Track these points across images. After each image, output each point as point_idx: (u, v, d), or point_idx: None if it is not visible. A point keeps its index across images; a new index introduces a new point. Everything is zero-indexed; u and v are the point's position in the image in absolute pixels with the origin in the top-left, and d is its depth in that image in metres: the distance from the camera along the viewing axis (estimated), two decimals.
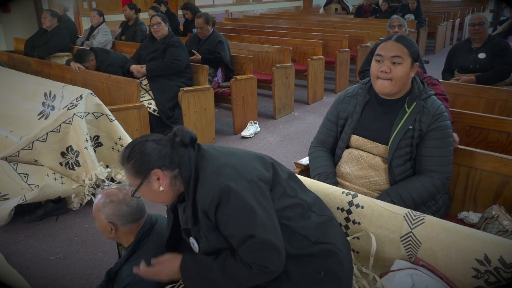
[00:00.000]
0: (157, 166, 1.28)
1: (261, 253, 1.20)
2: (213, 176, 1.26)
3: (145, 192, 1.33)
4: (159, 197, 1.34)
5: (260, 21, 8.30)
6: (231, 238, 1.24)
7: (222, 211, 1.22)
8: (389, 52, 1.71)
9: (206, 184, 1.25)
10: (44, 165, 2.85)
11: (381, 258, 1.57)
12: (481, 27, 3.44)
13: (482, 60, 3.46)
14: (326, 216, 1.44)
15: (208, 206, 1.23)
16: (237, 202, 1.21)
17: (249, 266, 1.21)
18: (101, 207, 1.55)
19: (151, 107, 3.53)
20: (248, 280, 1.24)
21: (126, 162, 1.31)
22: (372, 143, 1.81)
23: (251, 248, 1.20)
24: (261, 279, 1.24)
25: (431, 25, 8.56)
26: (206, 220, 1.26)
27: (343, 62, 5.77)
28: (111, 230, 1.56)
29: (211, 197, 1.22)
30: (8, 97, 3.49)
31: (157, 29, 3.75)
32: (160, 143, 1.31)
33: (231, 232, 1.24)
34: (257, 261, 1.20)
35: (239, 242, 1.22)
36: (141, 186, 1.30)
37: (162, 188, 1.30)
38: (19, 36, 5.79)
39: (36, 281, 2.25)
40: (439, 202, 1.86)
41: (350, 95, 1.92)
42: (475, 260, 1.34)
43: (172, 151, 1.30)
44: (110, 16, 7.43)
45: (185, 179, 1.30)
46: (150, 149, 1.29)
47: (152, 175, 1.28)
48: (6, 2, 6.69)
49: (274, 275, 1.24)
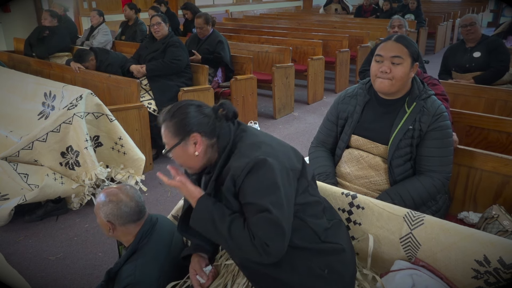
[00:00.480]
0: (197, 130, 1.31)
1: (269, 229, 1.20)
2: (251, 148, 1.29)
3: (178, 154, 1.34)
4: (190, 161, 1.35)
5: (260, 21, 8.30)
6: (248, 207, 1.25)
7: (251, 178, 1.24)
8: (389, 52, 1.71)
9: (243, 154, 1.28)
10: (44, 165, 2.85)
11: (380, 259, 1.57)
12: (472, 27, 3.46)
13: (477, 59, 3.48)
14: (336, 219, 1.48)
15: (239, 172, 1.24)
16: (267, 175, 1.24)
17: (253, 236, 1.21)
18: (101, 205, 1.56)
19: (151, 107, 3.53)
20: (245, 248, 1.22)
21: (169, 120, 1.33)
22: (372, 143, 1.81)
23: (262, 221, 1.21)
24: (256, 255, 1.22)
25: (431, 25, 8.56)
26: (231, 187, 1.27)
27: (343, 62, 5.77)
28: (109, 229, 1.57)
29: (245, 164, 1.24)
30: (8, 97, 3.49)
31: (157, 29, 3.75)
32: (204, 111, 1.34)
33: (250, 200, 1.24)
34: (262, 236, 1.20)
35: (254, 212, 1.23)
36: (176, 146, 1.32)
37: (197, 153, 1.32)
38: (19, 36, 5.79)
39: (36, 281, 2.25)
40: (439, 202, 1.86)
41: (350, 95, 1.92)
42: (475, 261, 1.34)
43: (214, 121, 1.34)
44: (110, 16, 7.43)
45: (221, 148, 1.33)
46: (195, 113, 1.32)
47: (190, 137, 1.31)
48: (6, 2, 6.69)
49: (269, 258, 1.21)
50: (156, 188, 3.25)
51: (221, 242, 1.27)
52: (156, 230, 1.61)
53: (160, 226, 1.64)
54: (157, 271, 1.51)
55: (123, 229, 1.56)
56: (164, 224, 1.67)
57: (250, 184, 1.24)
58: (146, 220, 1.61)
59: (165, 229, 1.65)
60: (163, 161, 3.73)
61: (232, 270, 1.47)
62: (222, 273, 1.49)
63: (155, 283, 1.48)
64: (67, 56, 4.97)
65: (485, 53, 3.45)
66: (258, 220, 1.21)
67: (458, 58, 3.59)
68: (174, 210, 1.93)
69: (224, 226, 1.24)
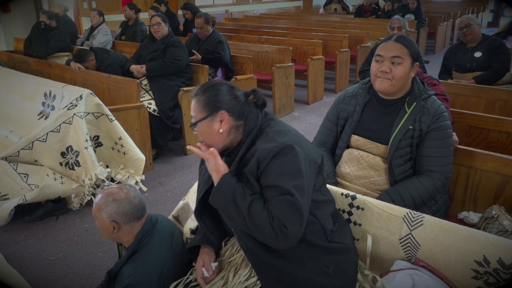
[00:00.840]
0: (226, 109, 1.34)
1: (289, 212, 1.22)
2: (279, 134, 1.32)
3: (203, 128, 1.36)
4: (213, 137, 1.36)
5: (260, 21, 8.30)
6: (270, 189, 1.26)
7: (276, 162, 1.26)
8: (389, 52, 1.71)
9: (271, 138, 1.31)
10: (44, 165, 2.85)
11: (380, 259, 1.57)
12: (468, 29, 3.46)
13: (478, 59, 3.47)
14: (341, 221, 1.51)
15: (266, 155, 1.27)
16: (293, 161, 1.26)
17: (272, 218, 1.22)
18: (104, 206, 1.54)
19: (151, 107, 3.53)
20: (262, 228, 1.23)
21: (201, 94, 1.37)
22: (372, 143, 1.81)
23: (283, 203, 1.22)
24: (273, 237, 1.22)
25: (431, 25, 8.56)
26: (254, 169, 1.29)
27: (343, 62, 5.77)
28: (113, 229, 1.55)
29: (272, 147, 1.27)
30: (8, 97, 3.49)
31: (157, 29, 3.75)
32: (235, 93, 1.38)
33: (273, 182, 1.25)
34: (282, 217, 1.21)
35: (275, 195, 1.24)
36: (203, 120, 1.35)
37: (221, 131, 1.35)
38: (19, 36, 5.79)
39: (36, 281, 2.25)
40: (439, 202, 1.86)
41: (350, 95, 1.92)
42: (474, 261, 1.34)
43: (244, 105, 1.38)
44: (110, 16, 7.43)
45: (247, 131, 1.36)
46: (227, 92, 1.37)
47: (218, 114, 1.34)
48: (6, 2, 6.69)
49: (285, 241, 1.22)
50: (156, 188, 3.25)
51: (239, 220, 1.27)
52: (157, 230, 1.61)
53: (160, 226, 1.64)
54: (157, 271, 1.51)
55: (127, 227, 1.56)
56: (164, 224, 1.67)
57: (274, 168, 1.26)
58: (146, 220, 1.61)
59: (165, 229, 1.65)
60: (163, 161, 3.73)
61: (235, 264, 1.47)
62: (225, 267, 1.49)
63: (155, 283, 1.48)
64: (67, 56, 4.96)
65: (486, 53, 3.44)
66: (279, 202, 1.23)
67: (458, 58, 3.59)
68: (174, 211, 1.93)
69: (245, 204, 1.25)
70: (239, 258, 1.48)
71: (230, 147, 1.40)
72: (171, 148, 3.97)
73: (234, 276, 1.43)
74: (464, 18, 3.53)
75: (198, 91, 1.38)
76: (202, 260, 1.50)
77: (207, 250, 1.53)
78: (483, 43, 3.48)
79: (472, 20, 3.47)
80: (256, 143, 1.33)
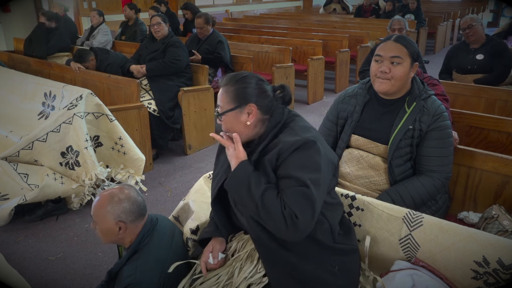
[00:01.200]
0: (255, 102, 1.36)
1: (303, 203, 1.23)
2: (303, 130, 1.35)
3: (230, 119, 1.37)
4: (238, 129, 1.37)
5: (260, 21, 8.30)
6: (287, 179, 1.27)
7: (297, 155, 1.28)
8: (388, 52, 1.72)
9: (295, 132, 1.33)
10: (44, 165, 2.85)
11: (380, 259, 1.57)
12: (471, 29, 3.40)
13: (480, 61, 3.43)
14: (348, 223, 1.52)
15: (288, 147, 1.29)
16: (313, 156, 1.29)
17: (284, 207, 1.23)
18: (109, 207, 1.53)
19: (151, 107, 3.53)
20: (274, 216, 1.23)
21: (231, 85, 1.37)
22: (372, 143, 1.81)
23: (298, 193, 1.23)
24: (283, 226, 1.22)
25: (431, 25, 8.56)
26: (274, 160, 1.31)
27: (343, 62, 5.77)
28: (119, 230, 1.54)
29: (295, 141, 1.29)
30: (8, 97, 3.49)
31: (157, 29, 3.75)
32: (265, 88, 1.39)
33: (291, 173, 1.26)
34: (294, 207, 1.22)
35: (291, 185, 1.25)
36: (232, 111, 1.35)
37: (248, 123, 1.36)
38: (19, 36, 5.79)
39: (36, 281, 2.25)
40: (439, 202, 1.86)
41: (350, 95, 1.92)
42: (474, 262, 1.34)
43: (272, 100, 1.39)
44: (110, 16, 7.43)
45: (272, 125, 1.38)
46: (257, 85, 1.38)
47: (247, 106, 1.35)
48: (6, 2, 6.69)
49: (295, 231, 1.22)
50: (156, 188, 3.25)
51: (251, 207, 1.28)
52: (157, 230, 1.61)
53: (160, 226, 1.64)
54: (157, 272, 1.51)
55: (132, 227, 1.55)
56: (165, 224, 1.67)
57: (294, 160, 1.28)
58: (147, 220, 1.61)
59: (165, 230, 1.65)
60: (163, 161, 3.73)
61: (240, 260, 1.47)
62: (230, 262, 1.49)
63: (155, 283, 1.48)
64: (67, 56, 4.97)
65: (488, 56, 3.40)
66: (294, 192, 1.24)
67: (460, 59, 3.55)
68: (174, 211, 1.93)
69: (258, 192, 1.26)
70: (244, 254, 1.48)
71: (253, 140, 1.41)
72: (171, 148, 3.97)
73: (239, 273, 1.43)
74: (466, 18, 3.47)
75: (228, 81, 1.38)
76: (212, 246, 1.51)
77: (220, 239, 1.54)
78: (486, 45, 3.43)
79: (475, 20, 3.40)
80: (279, 136, 1.34)
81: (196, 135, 3.89)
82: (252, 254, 1.47)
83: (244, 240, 1.52)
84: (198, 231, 1.69)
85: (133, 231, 1.56)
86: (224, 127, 1.40)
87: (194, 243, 1.68)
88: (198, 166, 3.65)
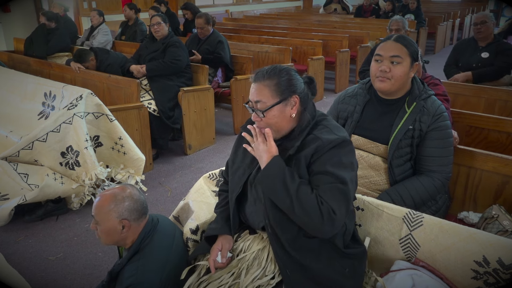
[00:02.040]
0: (299, 93, 1.36)
1: (340, 199, 1.24)
2: (337, 129, 1.37)
3: (275, 113, 1.34)
4: (283, 122, 1.36)
5: (260, 21, 8.30)
6: (324, 175, 1.28)
7: (335, 152, 1.30)
8: (388, 52, 1.72)
9: (332, 130, 1.35)
10: (44, 165, 2.85)
11: (380, 259, 1.57)
12: (483, 25, 3.42)
13: (485, 60, 3.46)
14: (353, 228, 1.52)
15: (327, 144, 1.30)
16: (350, 155, 1.33)
17: (321, 202, 1.24)
18: (113, 206, 1.52)
19: (151, 107, 3.53)
20: (309, 211, 1.23)
21: (272, 77, 1.34)
22: (372, 143, 1.81)
23: (336, 190, 1.25)
24: (318, 221, 1.22)
25: (431, 25, 8.56)
26: (309, 156, 1.31)
27: (343, 62, 5.77)
28: (122, 229, 1.53)
29: (334, 139, 1.31)
30: (8, 97, 3.49)
31: (157, 29, 3.75)
32: (300, 79, 1.39)
33: (329, 169, 1.28)
34: (332, 203, 1.23)
35: (329, 181, 1.26)
36: (278, 104, 1.33)
37: (293, 115, 1.36)
38: (19, 36, 5.79)
39: (36, 281, 2.25)
40: (439, 202, 1.86)
41: (350, 95, 1.92)
42: (474, 262, 1.34)
43: (307, 92, 1.40)
44: (110, 16, 7.43)
45: (305, 119, 1.37)
46: (297, 76, 1.38)
47: (292, 98, 1.35)
48: (6, 2, 6.69)
49: (331, 227, 1.23)
50: (156, 188, 3.25)
51: (284, 202, 1.27)
52: (158, 230, 1.61)
53: (161, 226, 1.64)
54: (159, 272, 1.51)
55: (135, 225, 1.56)
56: (165, 224, 1.67)
57: (331, 156, 1.30)
58: (148, 220, 1.61)
59: (166, 230, 1.65)
60: (163, 161, 3.73)
61: (246, 261, 1.47)
62: (236, 263, 1.48)
63: (156, 283, 1.48)
64: (67, 56, 4.97)
65: (493, 55, 3.44)
66: (331, 188, 1.25)
67: (466, 55, 3.57)
68: (175, 211, 1.92)
69: (294, 186, 1.26)
70: (250, 255, 1.47)
71: (288, 133, 1.40)
72: (171, 148, 3.97)
73: (246, 274, 1.42)
74: (480, 14, 3.49)
75: (265, 75, 1.35)
76: (221, 244, 1.50)
77: (228, 237, 1.53)
78: (492, 44, 3.46)
79: (488, 18, 3.43)
80: (314, 133, 1.34)
81: (196, 135, 3.89)
82: (259, 256, 1.45)
83: (250, 240, 1.50)
84: (198, 231, 1.69)
85: (135, 230, 1.56)
86: (264, 123, 1.36)
87: (194, 243, 1.68)
88: (198, 166, 3.65)
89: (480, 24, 3.43)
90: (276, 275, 1.39)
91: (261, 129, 1.36)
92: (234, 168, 1.52)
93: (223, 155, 3.85)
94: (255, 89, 1.36)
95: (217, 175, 1.93)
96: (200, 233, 1.69)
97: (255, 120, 1.38)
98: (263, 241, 1.47)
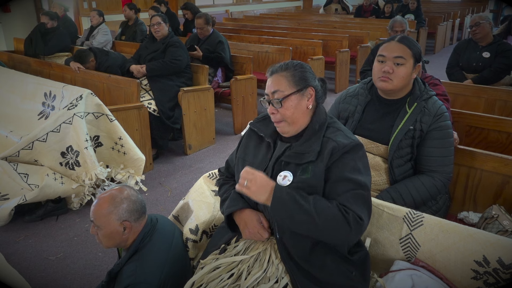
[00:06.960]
0: (314, 86, 1.38)
1: (364, 205, 1.25)
2: (349, 133, 1.38)
3: (292, 103, 1.35)
4: (298, 114, 1.36)
5: (260, 21, 8.30)
6: (343, 182, 1.27)
7: (349, 156, 1.31)
8: (392, 53, 1.71)
9: (344, 134, 1.36)
10: (44, 165, 2.84)
11: (380, 259, 1.57)
12: (477, 27, 3.45)
13: (486, 59, 3.47)
14: None
15: (342, 147, 1.30)
16: (364, 158, 1.35)
17: (345, 210, 1.23)
18: (112, 208, 1.52)
19: (151, 107, 3.53)
20: (335, 223, 1.21)
21: (289, 69, 1.37)
22: (372, 143, 1.81)
23: (358, 196, 1.25)
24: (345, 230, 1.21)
25: (431, 25, 8.56)
26: (327, 156, 1.31)
27: (343, 62, 5.77)
28: (124, 231, 1.53)
29: (348, 142, 1.32)
30: (8, 97, 3.49)
31: (157, 29, 3.75)
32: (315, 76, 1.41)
33: (348, 175, 1.27)
34: (358, 210, 1.23)
35: (350, 187, 1.26)
36: (294, 94, 1.35)
37: (310, 106, 1.37)
38: (19, 36, 5.79)
39: (36, 281, 2.25)
40: (440, 202, 1.86)
41: (351, 94, 1.92)
42: (474, 261, 1.34)
43: (321, 89, 1.42)
44: (110, 16, 7.43)
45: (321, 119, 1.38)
46: (311, 72, 1.41)
47: (309, 89, 1.37)
48: (6, 2, 6.69)
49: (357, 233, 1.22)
50: (156, 188, 3.25)
51: (307, 223, 1.22)
52: (157, 230, 1.61)
53: (160, 226, 1.64)
54: (158, 271, 1.51)
55: (136, 226, 1.56)
56: (165, 224, 1.67)
57: (347, 161, 1.30)
58: (147, 220, 1.61)
59: (165, 230, 1.65)
60: (163, 161, 3.73)
61: (247, 262, 1.46)
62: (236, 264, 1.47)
63: (155, 283, 1.48)
64: (67, 56, 4.96)
65: (493, 55, 3.45)
66: (354, 195, 1.25)
67: (467, 55, 3.58)
68: (174, 211, 1.93)
69: (309, 204, 1.23)
70: (251, 258, 1.46)
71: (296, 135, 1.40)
72: (171, 148, 3.97)
73: (247, 276, 1.41)
74: (475, 16, 3.53)
75: (286, 66, 1.38)
76: (256, 214, 1.44)
77: (254, 211, 1.46)
78: (493, 44, 3.47)
79: (483, 19, 3.45)
80: (327, 135, 1.35)
81: (196, 135, 3.89)
82: (261, 258, 1.43)
83: (250, 242, 1.49)
84: (198, 231, 1.69)
85: (136, 230, 1.57)
86: (281, 115, 1.35)
87: (193, 243, 1.68)
88: (198, 166, 3.65)
89: (475, 26, 3.46)
90: (279, 279, 1.38)
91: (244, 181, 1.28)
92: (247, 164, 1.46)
93: (223, 155, 3.85)
94: (272, 81, 1.38)
95: (217, 175, 1.93)
96: (200, 233, 1.69)
97: (271, 113, 1.37)
98: (265, 243, 1.46)
